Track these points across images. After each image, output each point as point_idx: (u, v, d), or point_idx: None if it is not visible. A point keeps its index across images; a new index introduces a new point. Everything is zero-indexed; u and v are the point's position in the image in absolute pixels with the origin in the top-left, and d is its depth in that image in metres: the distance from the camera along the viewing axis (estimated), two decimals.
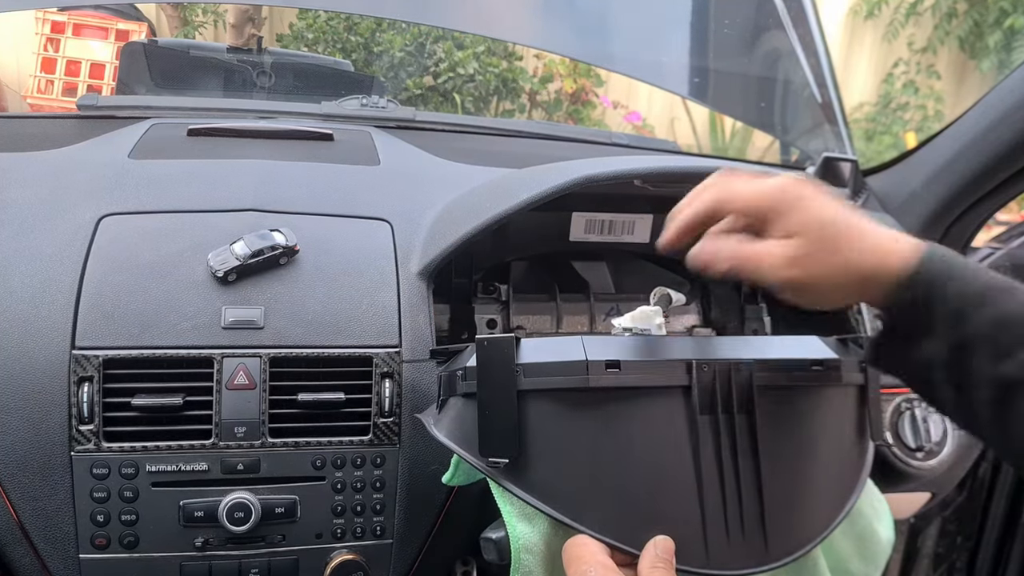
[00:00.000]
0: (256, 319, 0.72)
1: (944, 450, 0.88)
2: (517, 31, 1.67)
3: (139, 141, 0.92)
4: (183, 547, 0.69)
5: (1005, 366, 0.47)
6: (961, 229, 1.02)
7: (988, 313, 0.49)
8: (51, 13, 2.60)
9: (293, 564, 0.72)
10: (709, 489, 0.56)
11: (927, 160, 1.04)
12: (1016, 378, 0.47)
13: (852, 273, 0.53)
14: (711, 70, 1.52)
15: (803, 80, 1.28)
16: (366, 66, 3.23)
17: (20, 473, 0.67)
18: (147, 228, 0.76)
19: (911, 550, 1.31)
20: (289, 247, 0.75)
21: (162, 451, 0.68)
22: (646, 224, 0.91)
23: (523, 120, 3.20)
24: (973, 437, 0.60)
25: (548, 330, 0.92)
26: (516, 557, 0.56)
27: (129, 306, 0.70)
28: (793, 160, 1.38)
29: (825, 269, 0.53)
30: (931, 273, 0.51)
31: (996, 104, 0.92)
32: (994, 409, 0.48)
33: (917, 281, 0.51)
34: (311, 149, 0.97)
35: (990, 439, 0.52)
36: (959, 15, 4.44)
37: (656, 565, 0.50)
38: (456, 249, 0.77)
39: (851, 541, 0.72)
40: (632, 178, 0.77)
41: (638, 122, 3.75)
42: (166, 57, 1.49)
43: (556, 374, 0.54)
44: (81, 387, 0.67)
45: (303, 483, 0.71)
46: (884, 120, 4.63)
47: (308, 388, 0.71)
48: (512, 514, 0.56)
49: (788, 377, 0.59)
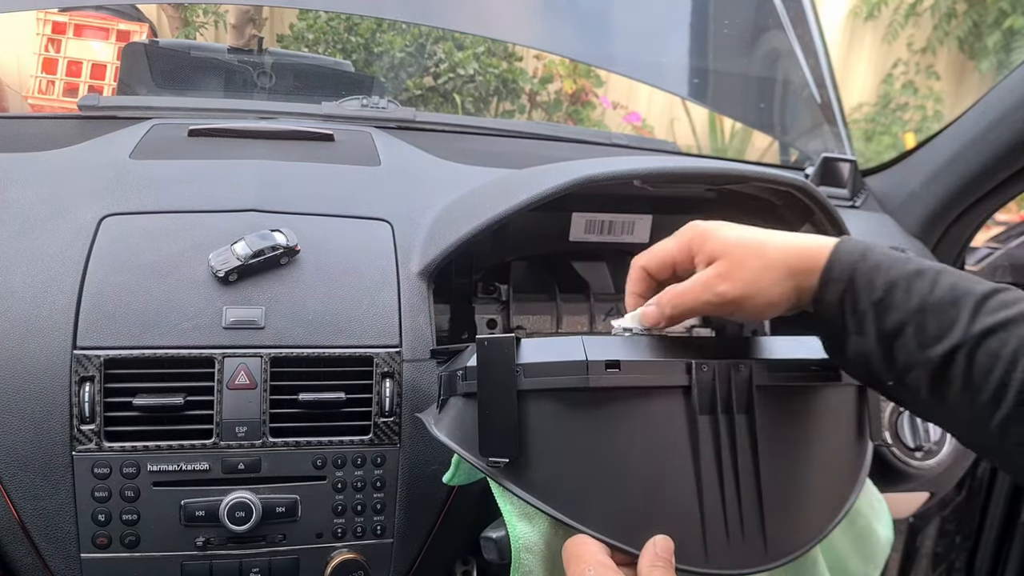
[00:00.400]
0: (257, 319, 0.72)
1: (943, 450, 0.88)
2: (517, 32, 1.67)
3: (140, 141, 0.92)
4: (184, 546, 0.69)
5: (932, 351, 0.49)
6: (960, 229, 1.02)
7: (912, 300, 0.51)
8: (52, 14, 2.60)
9: (294, 563, 0.72)
10: (708, 489, 0.56)
11: (926, 160, 1.04)
12: (945, 358, 0.49)
13: (779, 272, 0.55)
14: (711, 71, 1.52)
15: (802, 81, 1.28)
16: (366, 67, 3.23)
17: (21, 473, 0.67)
18: (148, 228, 0.76)
19: (910, 549, 1.32)
20: (290, 247, 0.75)
21: (163, 451, 0.69)
22: (646, 224, 0.91)
23: (523, 121, 3.20)
24: (920, 418, 0.62)
25: (548, 330, 0.92)
26: (516, 556, 0.56)
27: (130, 306, 0.70)
28: (792, 160, 1.38)
29: (753, 274, 0.55)
30: (848, 262, 0.53)
31: (995, 104, 0.92)
32: (929, 388, 0.50)
33: (835, 274, 0.53)
34: (312, 149, 0.97)
35: (935, 419, 0.54)
36: (958, 16, 4.45)
37: (655, 564, 0.51)
38: (456, 249, 0.77)
39: (850, 540, 0.72)
40: (632, 178, 0.77)
41: (638, 123, 3.76)
42: (167, 58, 1.49)
43: (556, 374, 0.54)
44: (82, 387, 0.67)
45: (304, 483, 0.72)
46: (883, 120, 4.63)
47: (309, 388, 0.72)
48: (512, 513, 0.56)
49: (788, 377, 0.59)
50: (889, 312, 0.51)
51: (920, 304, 0.50)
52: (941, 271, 0.52)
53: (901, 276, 0.52)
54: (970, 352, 0.48)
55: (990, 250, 1.20)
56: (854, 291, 0.52)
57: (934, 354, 0.49)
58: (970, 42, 4.48)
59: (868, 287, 0.52)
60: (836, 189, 1.12)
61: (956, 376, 0.49)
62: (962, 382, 0.48)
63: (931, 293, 0.50)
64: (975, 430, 0.49)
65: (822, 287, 0.54)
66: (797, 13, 1.29)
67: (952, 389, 0.49)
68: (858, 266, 0.53)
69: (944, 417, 0.52)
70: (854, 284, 0.53)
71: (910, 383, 0.51)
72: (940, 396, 0.50)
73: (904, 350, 0.51)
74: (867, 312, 0.52)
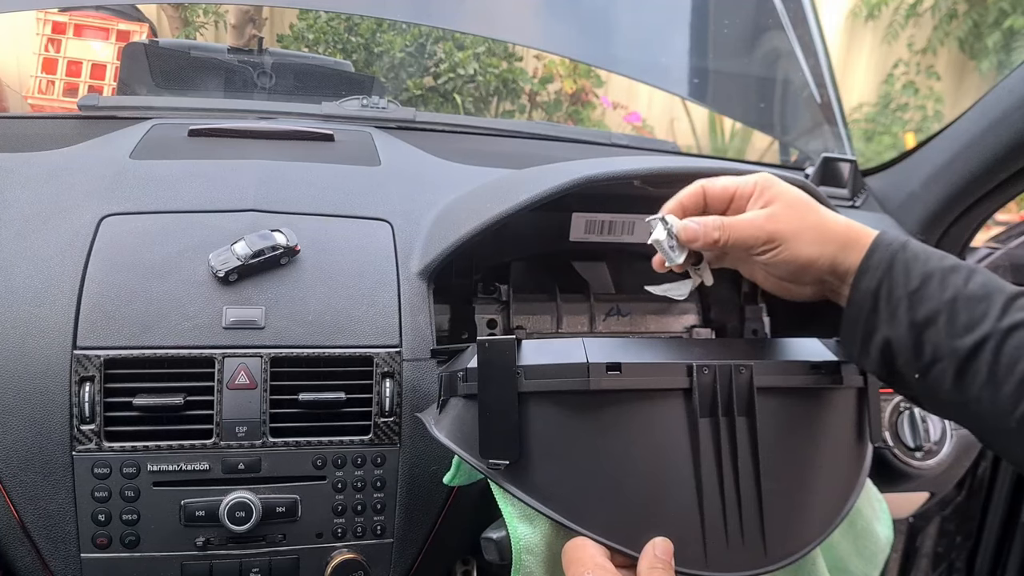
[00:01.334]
0: (257, 319, 0.72)
1: (943, 450, 0.88)
2: (517, 32, 1.67)
3: (140, 141, 0.92)
4: (184, 546, 0.70)
5: (961, 341, 0.51)
6: (960, 229, 1.02)
7: (946, 292, 0.53)
8: (52, 14, 2.60)
9: (294, 563, 0.72)
10: (709, 492, 0.56)
11: (926, 160, 1.04)
12: (973, 349, 0.51)
13: (824, 234, 0.57)
14: (711, 71, 1.52)
15: (802, 81, 1.28)
16: (366, 67, 3.23)
17: (22, 473, 0.67)
18: (148, 228, 0.76)
19: (910, 549, 1.32)
20: (290, 247, 0.75)
21: (163, 451, 0.69)
22: (646, 224, 0.91)
23: (523, 121, 3.20)
24: (935, 414, 0.65)
25: (548, 330, 0.92)
26: (517, 558, 0.56)
27: (130, 306, 0.70)
28: (792, 160, 1.38)
29: (801, 226, 0.58)
30: (888, 253, 0.55)
31: (995, 104, 0.92)
32: (954, 381, 0.52)
33: (874, 262, 0.55)
34: (312, 149, 0.97)
35: (955, 414, 0.55)
36: (958, 16, 4.44)
37: (655, 567, 0.51)
38: (456, 249, 0.77)
39: (850, 541, 0.72)
40: (632, 178, 0.77)
41: (638, 123, 3.75)
42: (167, 58, 1.49)
43: (557, 376, 0.55)
44: (82, 387, 0.67)
45: (304, 483, 0.72)
46: (884, 120, 4.63)
47: (309, 388, 0.72)
48: (513, 515, 0.56)
49: (788, 380, 0.59)
50: (923, 302, 0.53)
51: (953, 296, 0.52)
52: (975, 269, 0.54)
53: (937, 269, 0.54)
54: (998, 344, 0.50)
55: (990, 250, 1.19)
56: (891, 279, 0.54)
57: (962, 344, 0.51)
58: (970, 42, 4.48)
59: (905, 276, 0.54)
60: (836, 189, 1.12)
61: (981, 368, 0.50)
62: (987, 374, 0.50)
63: (965, 287, 0.52)
64: (996, 424, 0.51)
65: (861, 273, 0.56)
66: (797, 13, 1.29)
67: (976, 381, 0.51)
68: (898, 255, 0.55)
69: (965, 412, 0.53)
70: (892, 272, 0.55)
71: (935, 375, 0.53)
72: (963, 389, 0.51)
73: (933, 340, 0.52)
74: (901, 300, 0.54)
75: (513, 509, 0.56)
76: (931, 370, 0.53)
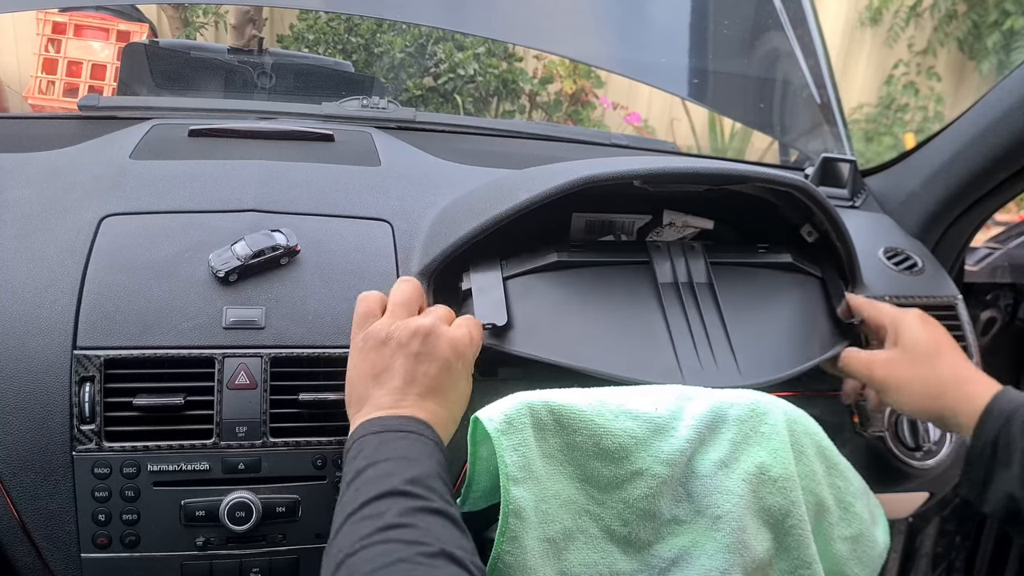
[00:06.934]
0: (257, 319, 0.72)
1: (943, 450, 0.88)
2: (517, 32, 1.67)
3: (140, 142, 0.92)
4: (184, 546, 0.70)
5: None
6: (960, 229, 1.02)
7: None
8: (52, 14, 2.61)
9: (294, 563, 0.72)
10: (679, 336, 0.72)
11: (926, 161, 1.04)
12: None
13: (930, 387, 0.68)
14: (711, 71, 1.52)
15: (802, 81, 1.28)
16: (367, 67, 3.23)
17: (22, 473, 0.67)
18: (148, 228, 0.76)
19: (909, 550, 1.32)
20: (290, 247, 0.75)
21: (163, 451, 0.69)
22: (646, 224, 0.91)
23: (523, 121, 3.20)
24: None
25: None
26: (504, 520, 0.57)
27: (130, 306, 0.70)
28: (792, 161, 1.38)
29: (909, 375, 0.70)
30: (1008, 408, 0.63)
31: (995, 104, 0.92)
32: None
33: (993, 415, 0.63)
34: (312, 150, 0.97)
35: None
36: (958, 17, 4.44)
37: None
38: (456, 249, 0.77)
39: (847, 544, 0.72)
40: (632, 179, 0.77)
41: (638, 123, 3.75)
42: (167, 58, 1.49)
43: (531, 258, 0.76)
44: (83, 387, 0.67)
45: (304, 482, 0.72)
46: (885, 121, 4.63)
47: (309, 388, 0.72)
48: (507, 476, 0.60)
49: (741, 258, 0.77)
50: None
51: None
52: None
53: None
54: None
55: (990, 250, 1.20)
56: (1008, 431, 0.63)
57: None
58: (970, 43, 4.48)
59: (1022, 427, 0.62)
60: (836, 189, 1.12)
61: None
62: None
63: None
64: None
65: (981, 423, 0.64)
66: (797, 13, 1.29)
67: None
68: (1015, 412, 0.63)
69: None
70: (1010, 424, 0.63)
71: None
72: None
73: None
74: (1017, 449, 0.62)
75: (508, 468, 0.60)
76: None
